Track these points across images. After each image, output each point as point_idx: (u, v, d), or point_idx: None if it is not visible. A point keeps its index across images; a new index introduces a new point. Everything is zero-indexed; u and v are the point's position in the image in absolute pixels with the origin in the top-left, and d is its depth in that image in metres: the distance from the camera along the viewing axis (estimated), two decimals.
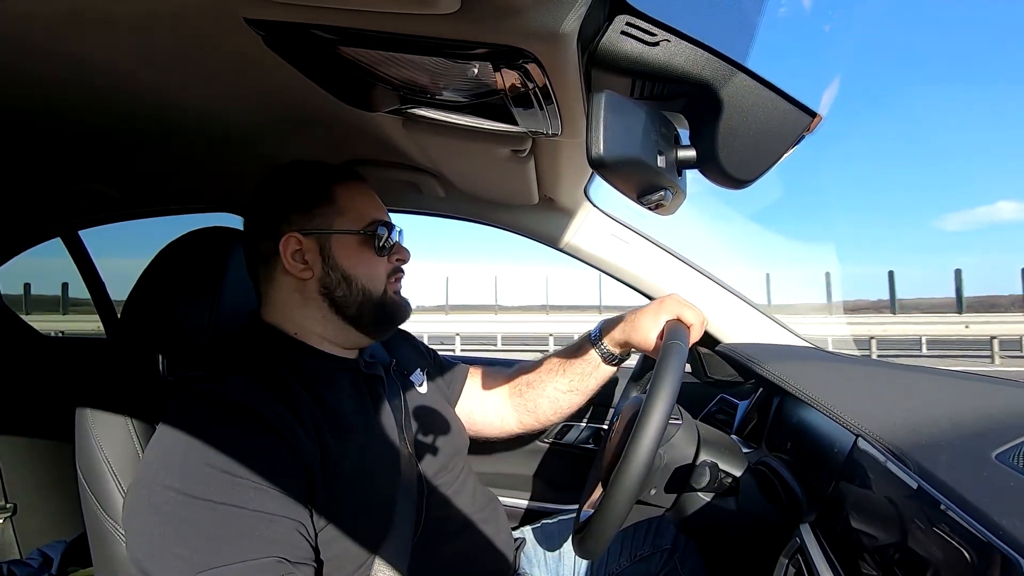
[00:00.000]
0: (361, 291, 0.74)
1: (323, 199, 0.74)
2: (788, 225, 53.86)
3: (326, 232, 0.73)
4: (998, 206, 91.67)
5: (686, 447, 0.78)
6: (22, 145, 0.91)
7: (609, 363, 0.93)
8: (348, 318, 0.75)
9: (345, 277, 0.74)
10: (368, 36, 0.47)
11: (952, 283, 11.21)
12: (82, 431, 0.72)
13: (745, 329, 1.14)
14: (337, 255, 0.73)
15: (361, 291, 0.74)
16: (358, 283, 0.74)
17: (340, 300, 0.74)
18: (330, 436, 0.66)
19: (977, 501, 0.44)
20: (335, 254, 0.73)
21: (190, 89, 0.67)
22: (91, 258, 1.57)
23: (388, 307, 0.77)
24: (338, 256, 0.74)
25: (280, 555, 0.56)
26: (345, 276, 0.74)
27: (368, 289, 0.75)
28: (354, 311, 0.75)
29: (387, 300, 0.77)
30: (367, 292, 0.75)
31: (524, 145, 0.76)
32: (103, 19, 0.49)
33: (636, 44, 0.44)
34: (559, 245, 1.20)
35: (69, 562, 1.35)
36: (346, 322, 0.75)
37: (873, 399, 0.74)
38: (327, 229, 0.73)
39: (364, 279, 0.75)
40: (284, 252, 0.72)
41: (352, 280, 0.74)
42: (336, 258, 0.73)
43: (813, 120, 0.45)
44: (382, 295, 0.76)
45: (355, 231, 0.74)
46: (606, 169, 0.43)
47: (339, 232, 0.74)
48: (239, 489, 0.56)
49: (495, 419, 1.02)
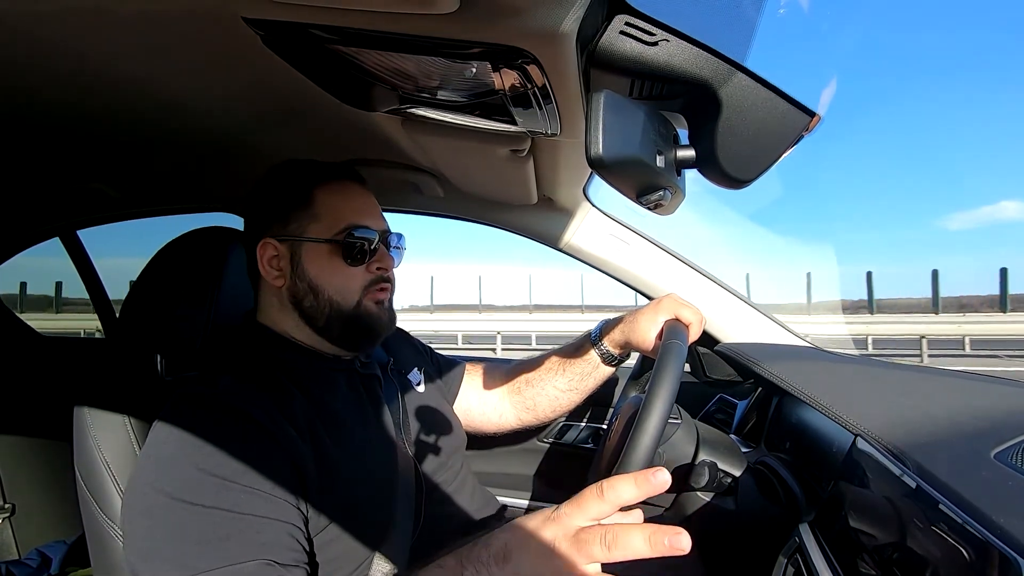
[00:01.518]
0: (328, 303, 0.71)
1: (301, 203, 0.72)
2: (788, 225, 53.80)
3: (297, 239, 0.71)
4: (1001, 205, 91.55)
5: (685, 446, 0.78)
6: (20, 144, 0.91)
7: (608, 363, 0.93)
8: (318, 329, 0.72)
9: (312, 288, 0.70)
10: (367, 36, 0.47)
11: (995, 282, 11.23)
12: (80, 431, 0.72)
13: (744, 328, 1.14)
14: (306, 264, 0.71)
15: (328, 303, 0.71)
16: (325, 294, 0.71)
17: (309, 311, 0.71)
18: (326, 437, 0.66)
19: (976, 500, 0.44)
20: (304, 263, 0.71)
21: (188, 88, 0.67)
22: (89, 258, 1.57)
23: (362, 320, 0.73)
24: (306, 265, 0.71)
25: (269, 558, 0.55)
26: (312, 287, 0.71)
27: (336, 301, 0.71)
28: (323, 323, 0.71)
29: (361, 313, 0.72)
30: (335, 304, 0.71)
31: (523, 145, 0.76)
32: (103, 18, 0.49)
33: (635, 44, 0.44)
34: (558, 245, 1.20)
35: (68, 562, 1.34)
36: (317, 332, 0.73)
37: (872, 399, 0.74)
38: (299, 236, 0.71)
39: (332, 290, 0.71)
40: (261, 258, 0.71)
41: (319, 291, 0.71)
42: (304, 267, 0.70)
43: (812, 120, 0.45)
44: (354, 308, 0.72)
45: (325, 239, 0.71)
46: (605, 169, 0.43)
47: (309, 240, 0.71)
48: (230, 492, 0.56)
49: (493, 415, 1.02)
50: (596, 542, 0.43)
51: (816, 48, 0.56)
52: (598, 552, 0.43)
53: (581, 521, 0.46)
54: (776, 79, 0.44)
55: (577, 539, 0.44)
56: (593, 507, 0.46)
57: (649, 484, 0.44)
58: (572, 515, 0.46)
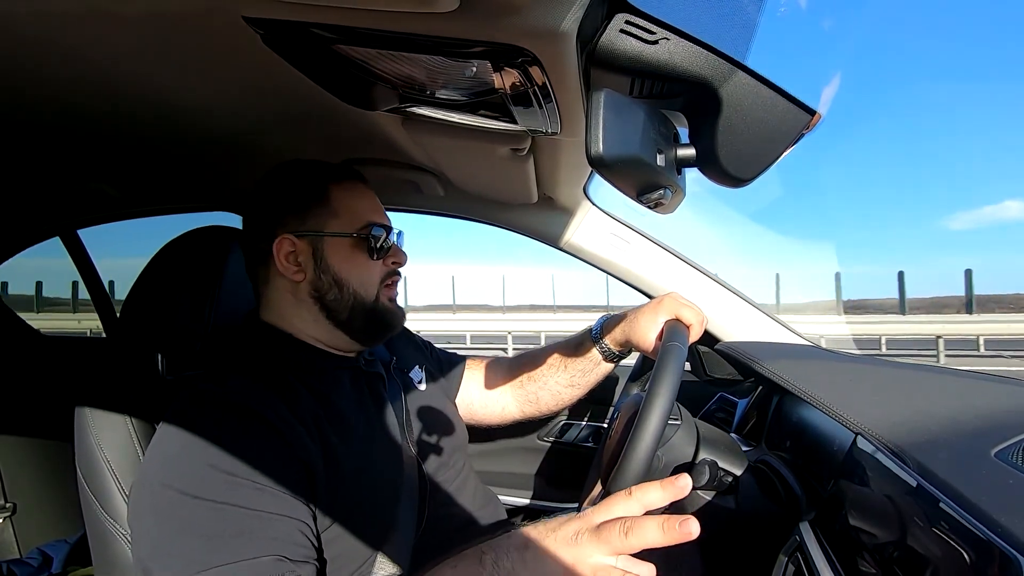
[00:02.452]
0: (352, 295, 0.73)
1: (318, 200, 0.73)
2: (787, 224, 53.88)
3: (319, 234, 0.72)
4: (1004, 205, 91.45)
5: (686, 446, 0.78)
6: (20, 143, 0.91)
7: (609, 360, 0.93)
8: (339, 323, 0.74)
9: (337, 281, 0.73)
10: (367, 35, 0.47)
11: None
12: (81, 430, 0.72)
13: (745, 327, 1.14)
14: (330, 258, 0.72)
15: (352, 295, 0.73)
16: (350, 287, 0.73)
17: (331, 304, 0.73)
18: (333, 435, 0.66)
19: (976, 499, 0.44)
20: (327, 257, 0.72)
21: (189, 87, 0.67)
22: (90, 257, 1.57)
23: (380, 313, 0.76)
24: (330, 259, 0.72)
25: (280, 554, 0.56)
26: (337, 280, 0.73)
27: (360, 294, 0.74)
28: (345, 316, 0.74)
29: (379, 306, 0.76)
30: (358, 297, 0.74)
31: (523, 144, 0.76)
32: (103, 18, 0.49)
33: (635, 42, 0.44)
34: (559, 244, 1.20)
35: (69, 562, 1.35)
36: (337, 326, 0.74)
37: (873, 397, 0.74)
38: (320, 231, 0.72)
39: (356, 283, 0.74)
40: (278, 254, 0.71)
41: (344, 284, 0.73)
42: (328, 261, 0.72)
43: (813, 118, 0.45)
44: (374, 301, 0.75)
45: (349, 234, 0.73)
46: (605, 168, 0.43)
47: (332, 234, 0.73)
48: (239, 489, 0.56)
49: (496, 408, 1.02)
50: (615, 531, 0.47)
51: (817, 47, 0.56)
52: (616, 540, 0.46)
53: (606, 519, 0.49)
54: (777, 77, 0.44)
55: (598, 531, 0.48)
56: (620, 507, 0.50)
57: (675, 488, 0.49)
58: (598, 513, 0.50)
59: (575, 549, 0.48)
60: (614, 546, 0.46)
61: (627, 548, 0.46)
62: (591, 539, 0.47)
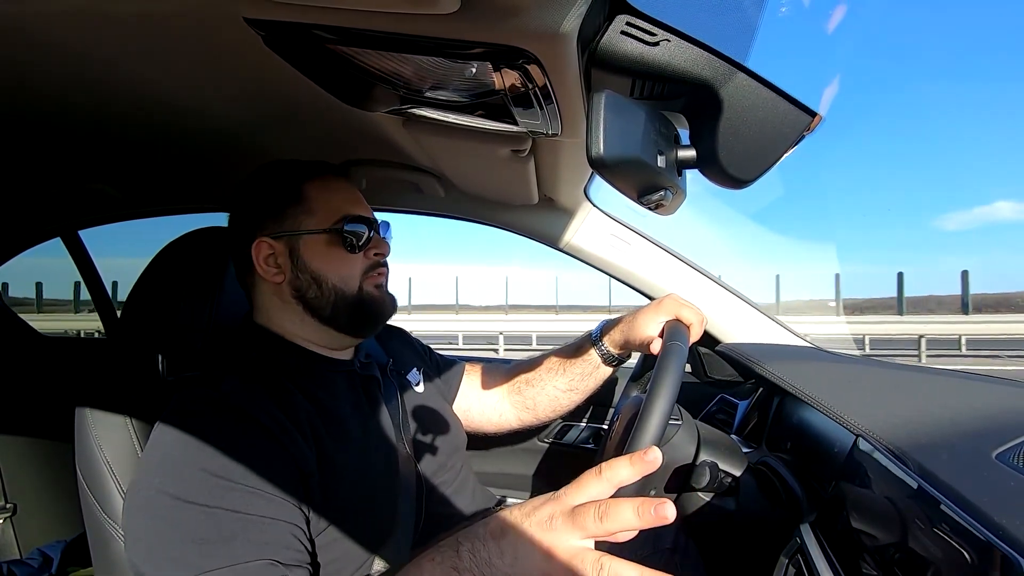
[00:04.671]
0: (333, 290, 0.72)
1: (294, 200, 0.73)
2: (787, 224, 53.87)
3: (295, 234, 0.72)
4: (996, 206, 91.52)
5: (686, 447, 0.78)
6: (21, 144, 0.91)
7: (608, 364, 0.93)
8: (324, 319, 0.73)
9: (315, 278, 0.72)
10: (368, 36, 0.47)
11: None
12: (82, 431, 0.72)
13: (745, 329, 1.14)
14: (306, 256, 0.72)
15: (333, 290, 0.72)
16: (329, 283, 0.72)
17: (313, 302, 0.72)
18: (328, 439, 0.66)
19: (977, 501, 0.44)
20: (304, 255, 0.72)
21: (190, 88, 0.67)
22: (91, 258, 1.57)
23: (365, 304, 0.75)
24: (307, 257, 0.72)
25: (272, 558, 0.56)
26: (315, 277, 0.72)
27: (340, 288, 0.73)
28: (328, 312, 0.73)
29: (364, 297, 0.74)
30: (339, 291, 0.73)
31: (524, 145, 0.76)
32: (104, 18, 0.49)
33: (636, 44, 0.44)
34: (559, 245, 1.20)
35: (69, 562, 1.34)
36: (323, 323, 0.74)
37: (873, 399, 0.74)
38: (296, 231, 0.72)
39: (335, 278, 0.73)
40: (256, 257, 0.71)
41: (322, 280, 0.72)
42: (305, 259, 0.72)
43: (813, 120, 0.45)
44: (357, 293, 0.74)
45: (323, 230, 0.72)
46: (606, 169, 0.43)
47: (307, 232, 0.72)
48: (233, 493, 0.56)
49: (493, 415, 1.02)
50: (590, 515, 0.45)
51: (817, 48, 0.56)
52: (591, 524, 0.45)
53: (579, 500, 0.48)
54: (777, 79, 0.44)
55: (573, 514, 0.46)
56: (592, 487, 0.48)
57: (644, 463, 0.47)
58: (571, 495, 0.48)
59: (551, 534, 0.47)
60: (589, 530, 0.46)
61: (602, 532, 0.45)
62: (566, 523, 0.46)
